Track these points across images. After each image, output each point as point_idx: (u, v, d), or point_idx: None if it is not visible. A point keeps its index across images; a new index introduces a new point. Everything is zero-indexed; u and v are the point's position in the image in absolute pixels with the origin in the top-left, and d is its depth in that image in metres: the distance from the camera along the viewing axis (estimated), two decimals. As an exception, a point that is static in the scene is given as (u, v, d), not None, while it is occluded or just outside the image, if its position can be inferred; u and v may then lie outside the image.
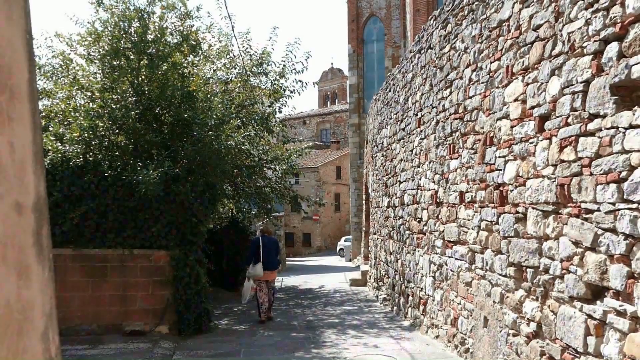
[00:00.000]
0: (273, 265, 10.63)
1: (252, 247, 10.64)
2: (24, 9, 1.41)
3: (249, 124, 12.00)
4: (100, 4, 10.36)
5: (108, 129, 9.75)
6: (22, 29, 1.39)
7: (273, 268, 10.65)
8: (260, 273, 10.38)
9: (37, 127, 1.37)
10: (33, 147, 1.32)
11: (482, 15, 6.04)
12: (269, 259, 10.52)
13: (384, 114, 12.26)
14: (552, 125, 4.41)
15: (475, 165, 6.14)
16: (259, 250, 10.48)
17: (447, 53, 7.27)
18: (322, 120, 55.73)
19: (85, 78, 10.46)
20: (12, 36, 1.34)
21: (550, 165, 4.42)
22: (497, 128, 5.54)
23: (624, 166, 3.48)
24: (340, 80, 62.41)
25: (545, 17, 4.57)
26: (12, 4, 1.37)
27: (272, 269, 10.61)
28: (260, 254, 10.44)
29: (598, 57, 3.81)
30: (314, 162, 42.60)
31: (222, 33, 12.84)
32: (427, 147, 8.25)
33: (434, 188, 7.85)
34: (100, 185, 9.04)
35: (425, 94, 8.42)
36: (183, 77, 10.12)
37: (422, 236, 8.53)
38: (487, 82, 5.84)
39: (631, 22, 3.46)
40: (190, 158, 9.55)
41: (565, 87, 4.20)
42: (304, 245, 43.08)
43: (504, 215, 5.35)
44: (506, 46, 5.35)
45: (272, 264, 10.57)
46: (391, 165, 11.20)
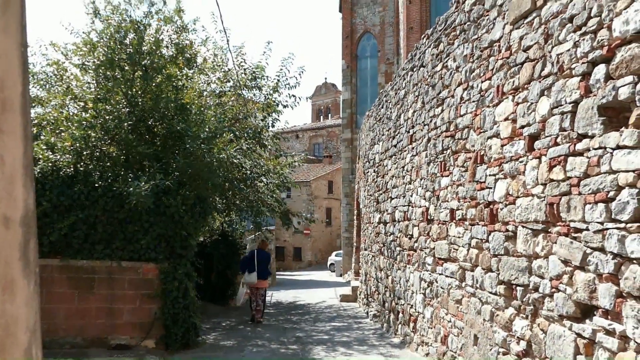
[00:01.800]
0: (264, 274, 12.48)
1: (248, 258, 12.64)
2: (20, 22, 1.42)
3: (242, 137, 12.01)
4: (96, 15, 10.40)
5: (100, 139, 9.72)
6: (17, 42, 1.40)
7: (264, 277, 12.51)
8: (254, 280, 12.24)
9: (28, 139, 1.37)
10: (24, 160, 1.32)
11: (473, 35, 6.12)
12: (262, 270, 12.35)
13: (376, 130, 12.33)
14: (541, 145, 4.46)
15: (466, 183, 6.17)
16: (254, 261, 12.35)
17: (439, 71, 7.35)
18: (315, 134, 55.87)
19: (78, 88, 10.45)
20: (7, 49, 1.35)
21: (540, 184, 4.46)
22: (487, 146, 5.59)
23: (611, 186, 3.52)
24: (333, 95, 62.70)
25: (535, 38, 4.65)
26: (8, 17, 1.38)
27: (263, 278, 12.46)
28: (255, 264, 12.26)
29: (586, 79, 3.87)
30: (306, 176, 42.61)
31: (217, 47, 12.92)
32: (418, 164, 8.29)
33: (425, 205, 7.87)
34: (90, 195, 8.98)
35: (417, 112, 8.49)
36: (177, 90, 10.13)
37: (413, 253, 8.54)
38: (478, 101, 5.90)
39: (618, 45, 3.52)
40: (182, 171, 9.53)
41: (555, 107, 4.26)
42: (295, 260, 42.91)
43: (494, 233, 5.37)
44: (497, 66, 5.42)
45: (263, 274, 12.41)
46: (383, 182, 11.23)
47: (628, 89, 3.41)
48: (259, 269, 12.29)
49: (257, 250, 12.80)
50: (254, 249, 12.95)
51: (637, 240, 3.25)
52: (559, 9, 4.27)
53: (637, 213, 3.27)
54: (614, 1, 3.58)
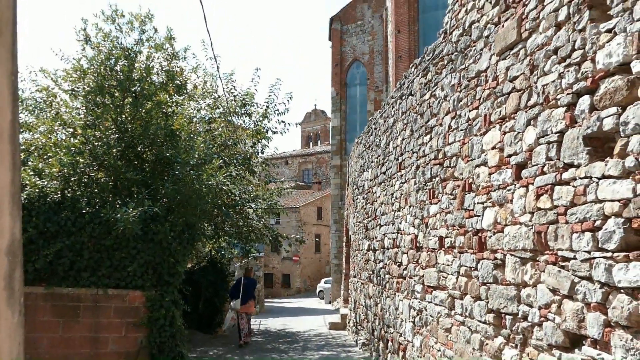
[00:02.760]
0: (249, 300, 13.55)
1: (236, 285, 13.72)
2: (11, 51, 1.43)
3: (231, 163, 12.02)
4: (87, 42, 10.46)
5: (88, 165, 9.69)
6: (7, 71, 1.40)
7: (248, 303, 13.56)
8: (238, 307, 13.30)
9: (16, 168, 1.36)
10: (11, 188, 1.31)
11: (461, 65, 6.22)
12: (247, 296, 13.45)
13: (365, 157, 12.39)
14: (528, 174, 4.50)
15: (455, 211, 6.20)
16: (240, 288, 13.44)
17: (428, 100, 7.44)
18: (305, 160, 56.04)
19: (68, 114, 10.45)
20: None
21: (528, 212, 4.49)
22: (475, 175, 5.63)
23: (597, 215, 3.55)
24: (323, 121, 63.16)
25: (521, 69, 4.74)
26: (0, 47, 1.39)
27: (247, 303, 13.51)
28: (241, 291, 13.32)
29: (571, 109, 3.94)
30: (295, 202, 42.55)
31: (207, 73, 13.01)
32: (407, 191, 8.33)
33: (414, 232, 7.88)
34: (77, 222, 8.90)
35: (406, 139, 8.56)
36: (167, 116, 10.17)
37: (402, 280, 8.51)
38: (466, 130, 5.97)
39: (601, 77, 3.60)
40: (171, 197, 9.49)
41: (541, 137, 4.32)
42: (284, 287, 42.53)
43: (483, 261, 5.38)
44: (484, 96, 5.51)
45: (247, 299, 13.48)
46: (372, 208, 11.24)
47: (612, 120, 3.47)
48: (244, 295, 13.38)
49: (243, 277, 13.89)
50: (241, 277, 14.09)
51: (623, 269, 3.27)
52: (543, 41, 4.37)
53: (623, 242, 3.30)
54: (597, 34, 3.67)
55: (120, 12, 10.51)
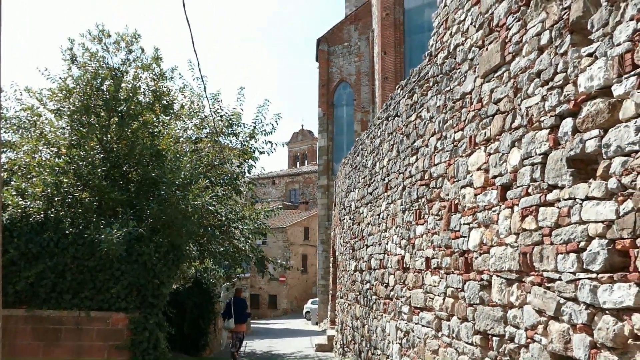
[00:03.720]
0: (242, 319, 14.18)
1: (227, 306, 14.29)
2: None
3: (218, 184, 11.97)
4: (73, 61, 10.44)
5: (72, 185, 9.59)
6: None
7: (242, 322, 14.24)
8: (232, 326, 13.97)
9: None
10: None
11: (446, 87, 6.29)
12: (239, 316, 14.04)
13: (352, 178, 12.41)
14: (513, 195, 4.53)
15: (441, 232, 6.21)
16: (231, 308, 14.00)
17: (414, 121, 7.50)
18: (292, 180, 56.01)
19: (52, 133, 10.36)
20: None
21: (513, 233, 4.51)
22: (461, 196, 5.66)
23: (582, 236, 3.58)
24: (310, 141, 63.33)
25: (504, 91, 4.80)
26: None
27: (241, 322, 14.18)
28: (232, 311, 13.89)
29: (554, 131, 3.99)
30: (282, 222, 42.40)
31: (194, 93, 13.01)
32: (394, 212, 8.34)
33: (400, 253, 7.87)
34: (60, 243, 8.78)
35: (392, 160, 8.59)
36: (153, 136, 10.12)
37: (389, 301, 8.47)
38: (451, 151, 6.01)
39: (583, 100, 3.66)
40: (156, 217, 9.41)
41: (525, 158, 4.36)
42: (270, 308, 42.13)
43: (469, 282, 5.37)
44: (469, 117, 5.56)
45: (240, 319, 14.10)
46: (359, 229, 11.23)
47: (594, 142, 3.52)
48: (236, 315, 13.90)
49: (233, 298, 14.40)
50: (231, 298, 14.61)
51: (608, 290, 3.29)
52: (526, 64, 4.44)
53: (607, 264, 3.32)
54: (579, 58, 3.74)
55: (107, 32, 10.52)
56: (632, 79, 3.21)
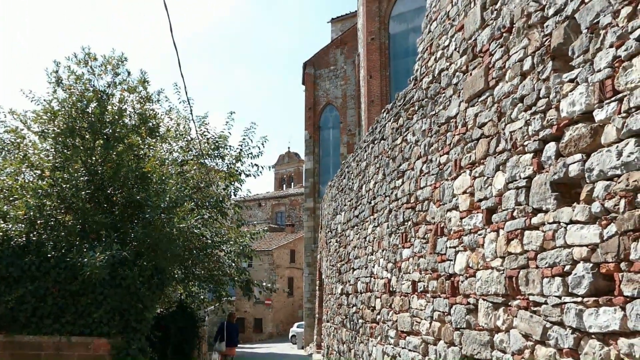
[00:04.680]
0: (234, 343, 14.83)
1: (219, 329, 14.77)
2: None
3: (203, 206, 11.88)
4: (59, 84, 10.38)
5: (56, 208, 9.46)
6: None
7: (233, 345, 14.81)
8: (223, 349, 14.46)
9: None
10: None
11: (431, 111, 6.36)
12: (230, 339, 14.61)
13: (338, 200, 12.41)
14: (498, 218, 4.56)
15: (427, 255, 6.21)
16: (223, 332, 14.48)
17: (399, 145, 7.55)
18: (278, 203, 55.84)
19: (36, 155, 10.25)
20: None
21: (499, 257, 4.52)
22: (447, 219, 5.68)
23: (567, 260, 3.60)
24: (296, 164, 63.37)
25: (489, 116, 4.86)
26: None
27: (232, 346, 14.74)
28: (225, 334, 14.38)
29: (538, 156, 4.04)
30: (268, 245, 42.13)
31: (180, 116, 12.99)
32: (380, 235, 8.33)
33: (387, 276, 7.84)
34: (41, 266, 8.62)
35: (378, 183, 8.62)
36: (138, 158, 10.06)
37: (376, 325, 8.40)
38: (437, 174, 6.05)
39: (566, 125, 3.72)
40: (140, 241, 9.29)
41: (510, 182, 4.40)
42: (255, 331, 41.58)
43: (456, 306, 5.36)
44: (454, 141, 5.61)
45: (232, 342, 14.69)
46: (345, 252, 11.19)
47: (577, 166, 3.56)
48: (228, 338, 14.45)
49: (226, 322, 14.96)
50: (224, 321, 15.15)
51: (594, 314, 3.29)
52: (510, 89, 4.51)
53: (592, 287, 3.33)
54: (560, 84, 3.81)
55: (93, 55, 10.51)
56: (613, 104, 3.27)
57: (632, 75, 3.12)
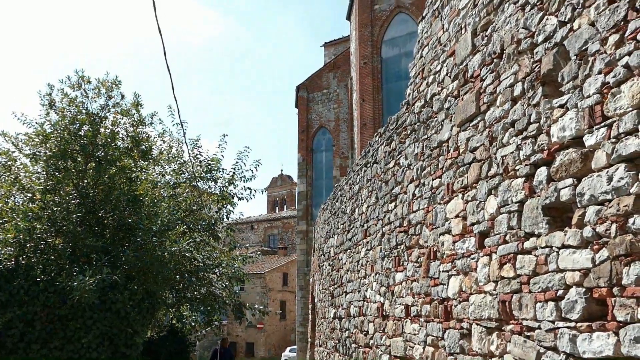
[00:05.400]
0: None
1: (212, 355, 14.57)
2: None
3: (195, 229, 11.82)
4: (52, 106, 10.38)
5: (46, 231, 9.38)
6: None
7: None
8: None
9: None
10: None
11: (423, 135, 6.40)
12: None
13: (331, 224, 12.38)
14: (491, 242, 4.56)
15: (420, 279, 6.18)
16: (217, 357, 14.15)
17: (392, 168, 7.57)
18: (270, 225, 55.62)
19: (27, 178, 10.19)
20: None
21: (492, 281, 4.51)
22: (440, 243, 5.67)
23: (559, 284, 3.59)
24: (289, 186, 63.34)
25: (480, 140, 4.90)
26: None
27: None
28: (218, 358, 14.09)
29: (530, 180, 4.06)
30: (260, 268, 41.83)
31: (173, 139, 13.00)
32: (373, 258, 8.30)
33: (380, 300, 7.79)
34: (30, 290, 8.51)
35: (371, 206, 8.62)
36: (130, 181, 10.03)
37: (369, 350, 8.31)
38: (429, 198, 6.06)
39: (557, 150, 3.75)
40: (131, 264, 9.21)
41: (502, 206, 4.41)
42: (247, 355, 41.01)
43: (449, 330, 5.32)
44: (446, 165, 5.64)
45: None
46: (338, 275, 11.12)
47: (569, 191, 3.58)
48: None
49: (219, 347, 14.64)
50: (217, 347, 14.86)
51: (587, 339, 3.28)
52: (501, 114, 4.55)
53: (585, 312, 3.32)
54: (551, 109, 3.85)
55: (87, 79, 10.54)
56: (603, 129, 3.31)
57: (621, 101, 3.16)
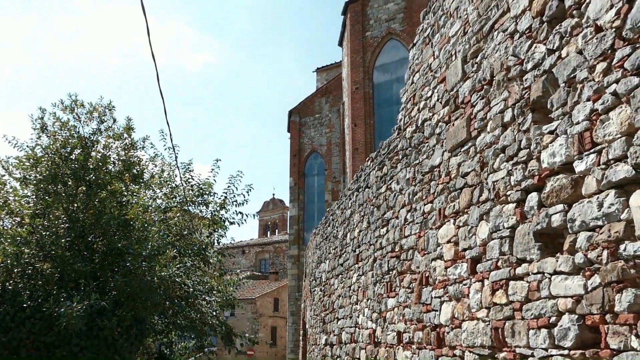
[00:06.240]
0: None
1: None
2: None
3: (186, 254, 11.70)
4: (43, 130, 10.33)
5: (34, 256, 9.24)
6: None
7: None
8: None
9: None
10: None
11: (415, 160, 6.42)
12: None
13: (323, 248, 12.32)
14: (483, 268, 4.54)
15: (412, 305, 6.13)
16: None
17: (384, 193, 7.57)
18: (262, 250, 55.27)
19: (17, 202, 10.08)
20: None
21: (484, 307, 4.47)
22: (432, 268, 5.64)
23: (552, 311, 3.57)
24: (281, 210, 63.16)
25: (471, 166, 4.91)
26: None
27: None
28: None
29: (521, 206, 4.07)
30: (251, 293, 41.39)
31: (165, 162, 12.95)
32: (364, 284, 8.24)
33: (371, 327, 7.71)
34: (16, 317, 8.34)
35: (363, 231, 8.59)
36: (121, 205, 9.95)
37: (361, 377, 8.19)
38: (421, 223, 6.05)
39: (547, 175, 3.76)
40: (120, 289, 9.07)
41: (494, 231, 4.41)
42: (237, 384, 40.27)
43: (442, 357, 5.25)
44: (438, 190, 5.65)
45: None
46: (329, 301, 11.02)
47: (560, 217, 3.59)
48: None
49: None
50: None
51: (581, 367, 3.24)
52: (491, 139, 4.58)
53: (579, 340, 3.29)
54: (540, 135, 3.88)
55: (80, 102, 10.53)
56: (592, 156, 3.33)
57: (610, 128, 3.19)
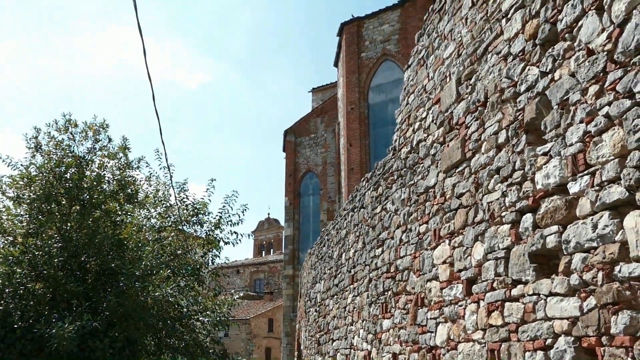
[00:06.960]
0: None
1: None
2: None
3: (180, 274, 11.61)
4: (38, 149, 10.31)
5: (26, 275, 9.14)
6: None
7: None
8: None
9: None
10: None
11: (410, 181, 6.44)
12: None
13: (318, 269, 12.26)
14: (479, 289, 4.52)
15: (408, 326, 6.09)
16: None
17: (379, 213, 7.57)
18: (256, 269, 54.96)
19: (9, 221, 10.00)
20: None
21: (480, 329, 4.45)
22: (427, 289, 5.62)
23: (548, 333, 3.55)
24: (276, 230, 62.99)
25: (466, 186, 4.93)
26: None
27: None
28: None
29: (516, 227, 4.08)
30: (245, 313, 41.06)
31: (159, 182, 12.92)
32: (360, 305, 8.19)
33: (367, 348, 7.64)
34: (6, 338, 8.22)
35: (358, 251, 8.57)
36: (115, 225, 9.89)
37: (356, 400, 8.09)
38: (416, 244, 6.04)
39: (542, 197, 3.78)
40: (113, 310, 8.97)
41: (489, 252, 4.40)
42: (230, 406, 39.67)
43: (438, 380, 5.21)
44: (433, 211, 5.65)
45: None
46: (324, 322, 10.93)
47: (555, 238, 3.59)
48: None
49: None
50: None
51: (578, 391, 3.22)
52: (486, 160, 4.60)
53: (575, 362, 3.27)
54: (535, 157, 3.91)
55: (74, 122, 10.53)
56: (586, 177, 3.35)
57: (603, 150, 3.21)
